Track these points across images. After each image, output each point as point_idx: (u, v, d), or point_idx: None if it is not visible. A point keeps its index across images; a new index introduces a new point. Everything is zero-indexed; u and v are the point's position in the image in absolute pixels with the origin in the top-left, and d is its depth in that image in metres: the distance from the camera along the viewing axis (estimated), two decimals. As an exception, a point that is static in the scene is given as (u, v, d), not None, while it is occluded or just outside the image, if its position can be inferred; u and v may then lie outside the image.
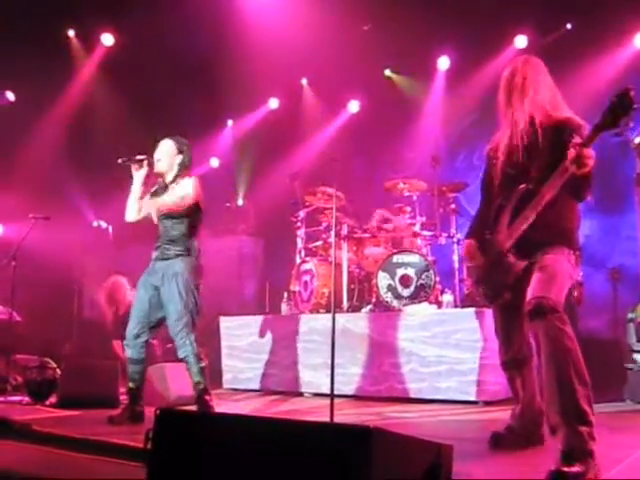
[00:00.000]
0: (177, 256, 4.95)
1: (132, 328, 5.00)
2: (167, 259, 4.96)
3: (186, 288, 4.88)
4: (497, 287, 3.55)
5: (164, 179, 5.13)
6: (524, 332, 3.56)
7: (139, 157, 5.09)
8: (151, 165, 5.10)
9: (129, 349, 5.01)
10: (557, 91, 3.60)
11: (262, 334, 7.23)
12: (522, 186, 3.42)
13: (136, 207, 5.15)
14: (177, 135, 5.22)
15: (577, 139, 3.04)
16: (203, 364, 4.93)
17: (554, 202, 3.28)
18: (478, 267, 3.71)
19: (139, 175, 5.11)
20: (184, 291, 4.86)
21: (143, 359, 5.03)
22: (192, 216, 5.04)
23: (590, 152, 3.00)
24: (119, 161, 5.09)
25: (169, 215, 5.01)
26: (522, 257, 3.40)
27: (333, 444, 1.99)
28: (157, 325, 5.08)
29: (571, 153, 3.00)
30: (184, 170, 5.10)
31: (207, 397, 4.93)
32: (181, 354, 4.91)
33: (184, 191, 4.97)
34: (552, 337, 3.05)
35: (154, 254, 5.10)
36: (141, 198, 5.15)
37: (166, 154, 5.09)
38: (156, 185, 5.21)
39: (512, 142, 3.56)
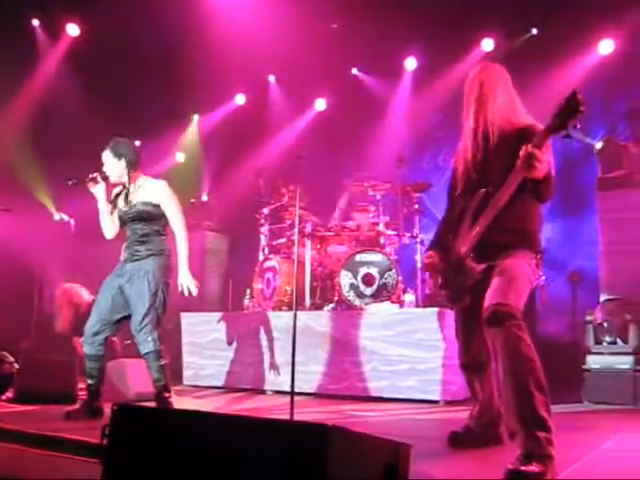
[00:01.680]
0: (149, 256, 4.90)
1: (92, 325, 4.93)
2: (139, 259, 4.91)
3: (156, 286, 4.83)
4: (458, 291, 3.57)
5: (123, 185, 5.07)
6: (483, 335, 3.58)
7: (90, 176, 4.99)
8: (106, 178, 5.02)
9: (87, 346, 4.94)
10: (516, 97, 3.63)
11: (224, 331, 7.20)
12: (482, 190, 3.44)
13: (110, 223, 5.08)
14: (120, 138, 5.12)
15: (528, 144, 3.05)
16: (163, 362, 4.89)
17: (515, 204, 3.31)
18: (440, 271, 3.72)
19: (99, 191, 5.00)
20: (154, 289, 4.82)
21: (101, 356, 4.97)
22: (161, 217, 5.00)
23: (540, 155, 3.01)
24: (69, 183, 5.00)
25: (137, 217, 4.95)
26: (482, 260, 3.40)
27: (290, 442, 1.99)
28: (118, 323, 5.02)
29: (521, 155, 3.03)
30: (133, 170, 5.01)
31: (166, 394, 4.89)
32: (143, 350, 4.87)
33: (173, 205, 4.97)
34: (509, 345, 3.05)
35: (123, 255, 5.02)
36: (111, 212, 5.08)
37: (109, 165, 5.00)
38: (113, 192, 5.14)
39: (473, 150, 3.59)
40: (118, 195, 5.11)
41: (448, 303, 3.76)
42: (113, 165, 5.00)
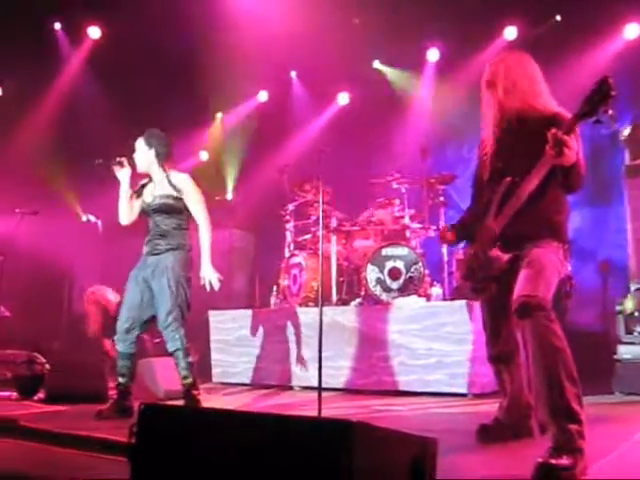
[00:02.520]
0: (168, 250, 4.92)
1: (123, 323, 4.96)
2: (158, 254, 4.93)
3: (176, 282, 4.85)
4: (483, 281, 3.54)
5: (150, 176, 5.10)
6: (511, 326, 3.54)
7: (118, 159, 5.02)
8: (133, 165, 5.06)
9: (120, 343, 4.98)
10: (540, 82, 3.57)
11: (251, 328, 7.22)
12: (508, 179, 3.40)
13: (128, 209, 5.11)
14: (154, 129, 5.16)
15: (554, 130, 3.00)
16: (191, 359, 4.91)
17: (543, 194, 3.27)
18: (466, 262, 3.69)
19: (123, 176, 5.05)
20: (174, 285, 4.84)
21: (133, 354, 5.01)
22: (183, 211, 5.02)
23: (570, 141, 2.97)
24: (96, 162, 5.03)
25: (159, 210, 4.98)
26: (508, 250, 3.37)
27: (316, 438, 1.98)
28: (149, 321, 5.05)
29: (549, 140, 2.98)
30: (163, 161, 5.06)
31: (195, 392, 4.92)
32: (170, 348, 4.89)
33: (195, 197, 5.00)
34: (540, 336, 3.01)
35: (145, 249, 5.07)
36: (131, 198, 5.11)
37: (139, 153, 5.06)
38: (140, 183, 5.18)
39: (496, 138, 3.55)
40: (144, 186, 5.13)
41: (473, 294, 3.73)
42: (143, 154, 5.05)
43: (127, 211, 5.11)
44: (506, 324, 3.57)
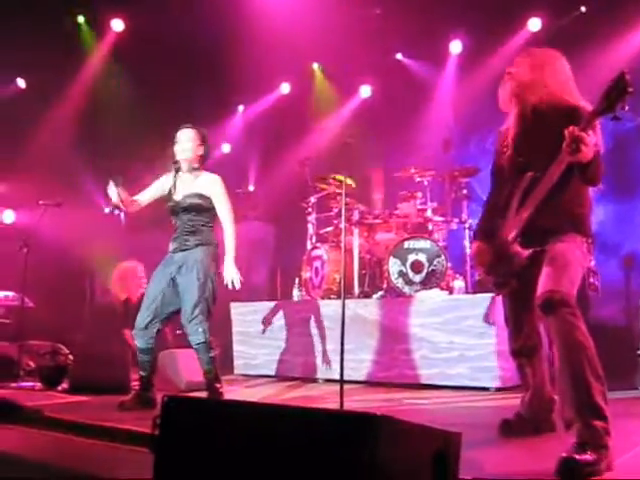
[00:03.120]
0: (197, 245, 4.96)
1: (143, 319, 4.98)
2: (187, 249, 4.96)
3: (205, 276, 4.87)
4: (504, 276, 3.52)
5: (180, 167, 5.11)
6: (534, 320, 3.52)
7: (115, 179, 5.00)
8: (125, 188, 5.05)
9: (138, 339, 5.00)
10: (567, 78, 3.54)
11: (273, 320, 7.23)
12: (530, 174, 3.38)
13: (128, 203, 5.11)
14: (190, 122, 5.18)
15: (572, 127, 2.97)
16: (214, 353, 4.93)
17: (564, 188, 3.24)
18: (487, 263, 3.67)
19: (112, 193, 5.02)
20: (203, 278, 4.86)
21: (152, 349, 5.03)
22: (211, 209, 5.04)
23: (586, 138, 2.94)
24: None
25: (189, 208, 4.99)
26: (530, 245, 3.35)
27: (339, 431, 1.98)
28: (169, 317, 5.08)
29: (566, 138, 2.96)
30: (203, 162, 5.11)
31: (217, 385, 4.94)
32: (193, 342, 4.91)
33: (224, 199, 5.06)
34: (564, 333, 2.99)
35: (172, 246, 5.08)
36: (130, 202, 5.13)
37: (190, 143, 5.06)
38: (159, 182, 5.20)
39: (518, 132, 3.53)
40: (173, 184, 5.13)
41: (495, 289, 3.71)
42: (195, 146, 5.07)
43: (128, 204, 5.11)
44: (528, 318, 3.55)
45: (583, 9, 8.72)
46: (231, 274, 4.95)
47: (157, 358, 5.19)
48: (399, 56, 10.40)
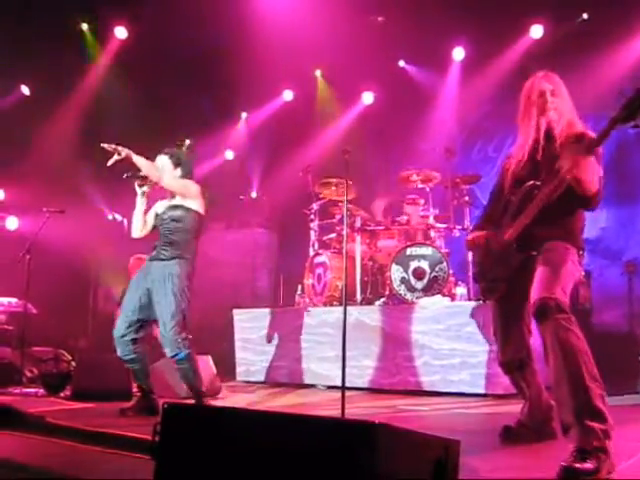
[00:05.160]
0: (173, 258, 4.91)
1: (119, 328, 4.95)
2: (163, 259, 4.93)
3: (180, 289, 4.84)
4: (494, 281, 3.55)
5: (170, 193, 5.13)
6: (522, 331, 3.54)
7: (142, 174, 5.03)
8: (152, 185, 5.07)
9: (117, 348, 4.98)
10: (572, 104, 3.57)
11: (275, 327, 7.24)
12: (529, 183, 3.40)
13: (141, 223, 5.13)
14: (174, 147, 5.18)
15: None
16: (193, 365, 4.88)
17: (561, 204, 3.26)
18: (478, 262, 3.69)
19: (142, 191, 5.08)
20: (178, 292, 4.83)
21: (134, 358, 4.97)
22: (194, 223, 5.03)
23: (589, 168, 2.98)
24: (124, 176, 5.05)
25: (170, 220, 4.99)
26: (524, 249, 3.38)
27: (339, 439, 1.98)
28: (143, 327, 5.03)
29: (566, 164, 2.99)
30: (184, 177, 5.12)
31: (202, 395, 4.93)
32: (169, 353, 4.85)
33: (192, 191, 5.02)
34: (560, 338, 3.00)
35: (150, 255, 5.08)
36: (145, 212, 5.14)
37: (165, 172, 5.05)
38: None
39: (528, 153, 3.54)
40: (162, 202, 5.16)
41: (483, 296, 3.73)
42: (169, 172, 5.05)
43: (139, 225, 5.13)
44: (517, 330, 3.57)
45: (585, 16, 8.74)
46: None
47: (147, 365, 5.09)
48: (402, 63, 10.42)
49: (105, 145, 4.92)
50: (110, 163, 4.93)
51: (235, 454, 2.18)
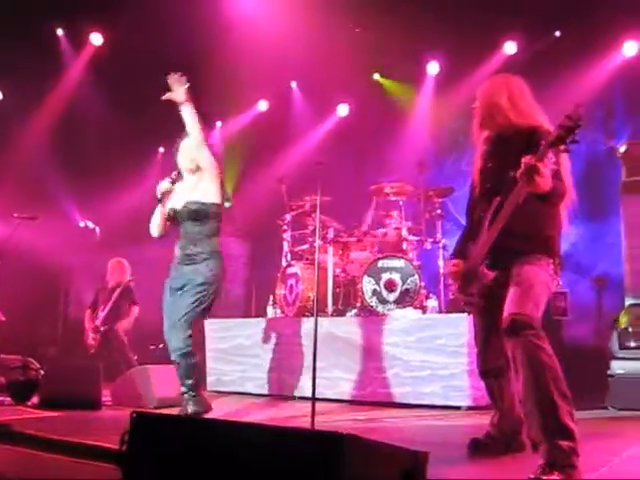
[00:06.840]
0: (204, 260, 4.86)
1: (164, 328, 4.90)
2: (193, 263, 4.87)
3: (206, 296, 4.81)
4: (472, 296, 3.58)
5: (174, 180, 5.09)
6: (502, 341, 3.57)
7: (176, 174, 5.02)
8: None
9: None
10: (530, 101, 3.61)
11: (247, 337, 7.22)
12: (497, 199, 3.42)
13: (162, 222, 5.08)
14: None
15: (528, 156, 3.02)
16: (193, 360, 4.84)
17: (529, 209, 3.26)
18: (459, 277, 3.72)
19: (168, 190, 5.04)
20: (203, 298, 4.80)
21: (185, 354, 4.81)
22: (214, 217, 4.99)
23: (542, 169, 2.96)
24: (172, 175, 5.05)
25: (189, 217, 4.94)
26: (497, 266, 3.39)
27: (307, 450, 1.99)
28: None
29: (520, 169, 3.01)
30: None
31: (192, 393, 4.85)
32: (173, 347, 4.80)
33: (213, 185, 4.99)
34: (529, 355, 3.03)
35: (177, 257, 4.99)
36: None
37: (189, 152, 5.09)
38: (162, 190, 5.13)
39: (484, 159, 3.61)
40: (167, 192, 5.10)
41: (465, 308, 3.76)
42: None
43: (162, 224, 5.09)
44: (495, 339, 3.58)
45: (558, 34, 8.86)
46: None
47: (195, 365, 4.91)
48: (376, 76, 10.48)
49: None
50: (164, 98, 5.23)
51: (203, 464, 2.18)
